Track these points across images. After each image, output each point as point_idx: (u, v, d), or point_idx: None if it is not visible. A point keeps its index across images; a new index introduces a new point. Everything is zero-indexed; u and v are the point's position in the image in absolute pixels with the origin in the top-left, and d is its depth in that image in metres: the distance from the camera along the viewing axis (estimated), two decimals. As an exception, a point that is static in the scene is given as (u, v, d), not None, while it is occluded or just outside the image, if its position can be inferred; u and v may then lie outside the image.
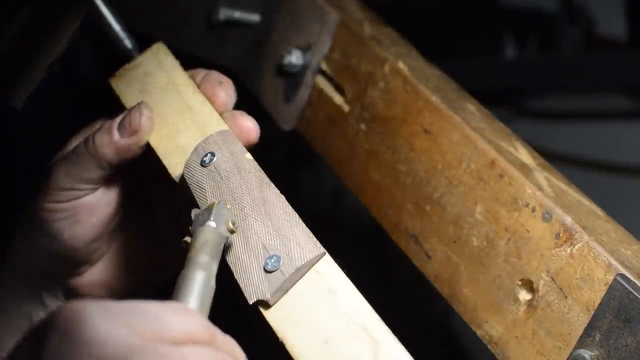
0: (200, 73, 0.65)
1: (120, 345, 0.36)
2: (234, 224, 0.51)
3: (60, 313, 0.37)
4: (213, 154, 0.57)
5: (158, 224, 0.68)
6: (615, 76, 1.62)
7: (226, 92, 0.63)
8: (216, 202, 0.52)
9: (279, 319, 0.49)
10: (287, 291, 0.50)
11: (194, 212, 0.52)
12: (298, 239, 0.51)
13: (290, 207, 0.53)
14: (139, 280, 0.68)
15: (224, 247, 0.51)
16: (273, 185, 0.54)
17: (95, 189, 0.63)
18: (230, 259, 0.52)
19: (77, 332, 0.36)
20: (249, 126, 0.60)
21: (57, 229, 0.62)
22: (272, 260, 0.50)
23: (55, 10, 0.59)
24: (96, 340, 0.36)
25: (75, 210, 0.62)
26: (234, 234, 0.52)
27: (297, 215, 0.53)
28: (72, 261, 0.65)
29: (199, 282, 0.46)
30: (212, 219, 0.50)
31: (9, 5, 0.58)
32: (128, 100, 0.65)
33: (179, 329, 0.39)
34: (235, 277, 0.51)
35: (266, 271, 0.50)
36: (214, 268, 0.48)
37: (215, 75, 0.64)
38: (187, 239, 0.50)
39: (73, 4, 0.60)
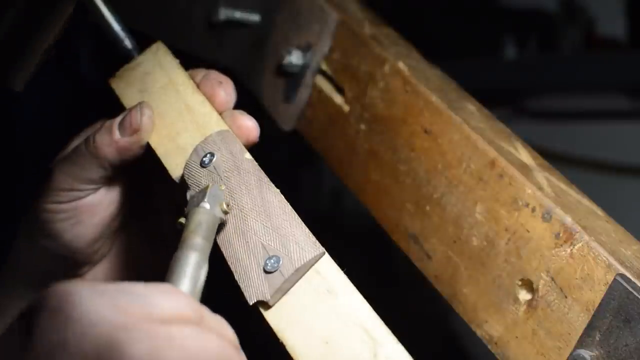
0: (200, 73, 0.65)
1: (108, 323, 0.37)
2: (227, 205, 0.52)
3: (51, 293, 0.38)
4: (212, 154, 0.57)
5: (160, 224, 0.68)
6: (615, 76, 1.62)
7: (226, 91, 0.63)
8: (210, 184, 0.52)
9: (279, 319, 0.49)
10: (287, 291, 0.50)
11: (188, 194, 0.53)
12: (297, 239, 0.51)
13: (289, 207, 0.53)
14: (140, 280, 0.68)
15: (223, 249, 0.51)
16: (273, 185, 0.54)
17: (96, 190, 0.63)
18: (230, 260, 0.52)
19: (66, 310, 0.37)
20: (249, 125, 0.60)
21: (59, 229, 0.62)
22: (272, 261, 0.50)
23: None
24: (85, 317, 0.37)
25: (77, 210, 0.62)
26: (231, 234, 0.52)
27: (296, 215, 0.53)
28: (74, 262, 0.65)
29: (192, 264, 0.46)
30: (206, 200, 0.51)
31: None
32: (128, 100, 0.65)
33: (167, 308, 0.40)
34: (236, 277, 0.51)
35: (266, 272, 0.50)
36: (207, 250, 0.48)
37: (215, 75, 0.64)
38: (182, 220, 0.51)
39: None
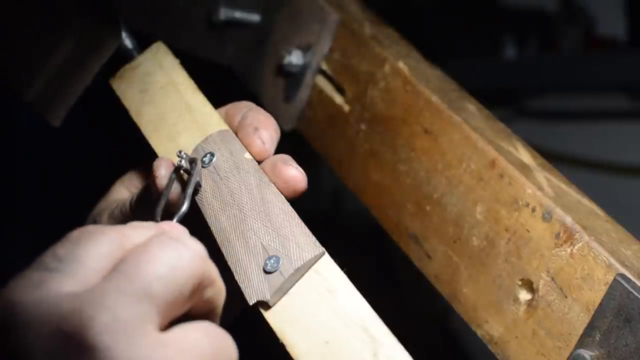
0: (239, 113, 0.59)
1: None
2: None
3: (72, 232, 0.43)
4: (212, 155, 0.57)
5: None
6: (615, 76, 1.62)
7: (262, 138, 0.56)
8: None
9: (279, 319, 0.49)
10: (286, 291, 0.50)
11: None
12: (297, 239, 0.51)
13: (289, 207, 0.53)
14: None
15: (223, 248, 0.52)
16: (272, 185, 0.54)
17: None
18: (230, 260, 0.52)
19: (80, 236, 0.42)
20: (295, 177, 0.54)
21: None
22: (272, 261, 0.50)
23: (96, 35, 0.60)
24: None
25: None
26: (231, 233, 0.52)
27: (296, 215, 0.53)
28: None
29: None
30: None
31: (56, 32, 0.60)
32: (128, 100, 0.65)
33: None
34: (235, 277, 0.51)
35: (266, 272, 0.50)
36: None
37: (251, 119, 0.58)
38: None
39: (112, 29, 0.61)
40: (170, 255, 0.41)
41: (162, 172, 0.56)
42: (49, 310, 0.38)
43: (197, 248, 0.42)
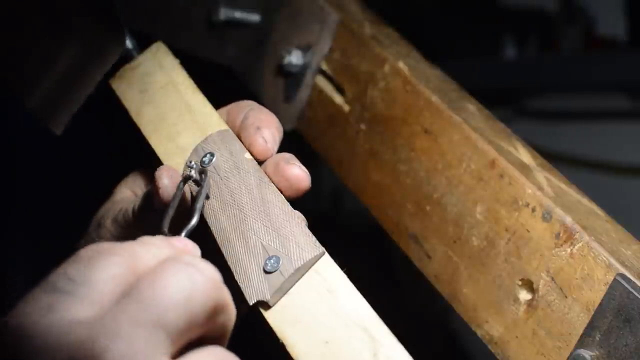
0: (241, 112, 0.58)
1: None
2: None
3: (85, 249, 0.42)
4: (212, 155, 0.57)
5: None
6: (615, 76, 1.62)
7: (265, 137, 0.56)
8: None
9: (279, 319, 0.49)
10: (287, 291, 0.50)
11: None
12: (297, 239, 0.51)
13: (289, 207, 0.53)
14: None
15: (223, 248, 0.52)
16: (273, 185, 0.54)
17: None
18: (230, 260, 0.52)
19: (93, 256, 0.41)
20: (298, 176, 0.54)
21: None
22: (272, 261, 0.50)
23: (99, 42, 0.60)
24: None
25: None
26: (231, 233, 0.52)
27: (296, 215, 0.53)
28: None
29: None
30: None
31: (59, 39, 0.59)
32: (128, 100, 0.65)
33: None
34: (236, 277, 0.51)
35: (266, 272, 0.50)
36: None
37: (253, 119, 0.57)
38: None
39: (116, 36, 0.61)
40: (184, 282, 0.40)
41: (165, 182, 0.55)
42: (60, 338, 0.38)
43: (211, 273, 0.41)
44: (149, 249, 0.43)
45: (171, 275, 0.40)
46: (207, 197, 0.54)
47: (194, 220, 0.51)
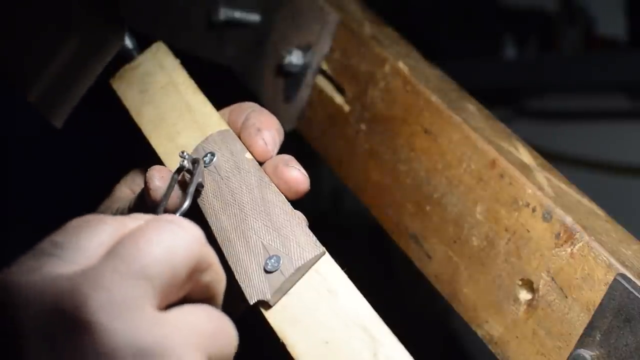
0: (243, 114, 0.59)
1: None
2: None
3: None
4: (213, 154, 0.57)
5: None
6: (615, 76, 1.62)
7: (265, 139, 0.56)
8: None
9: (279, 319, 0.49)
10: (287, 291, 0.50)
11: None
12: (298, 239, 0.51)
13: (290, 207, 0.53)
14: None
15: (223, 248, 0.52)
16: (273, 185, 0.54)
17: None
18: (230, 259, 0.52)
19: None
20: (297, 178, 0.54)
21: None
22: (272, 261, 0.50)
23: (100, 35, 0.60)
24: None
25: None
26: (232, 233, 0.52)
27: (297, 215, 0.53)
28: None
29: None
30: None
31: (58, 34, 0.60)
32: (129, 100, 0.65)
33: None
34: (236, 277, 0.51)
35: (266, 271, 0.50)
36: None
37: (254, 119, 0.57)
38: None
39: (116, 29, 0.61)
40: (166, 236, 0.41)
41: (157, 184, 0.55)
42: (44, 290, 0.38)
43: (193, 230, 0.42)
44: (137, 220, 0.43)
45: (153, 231, 0.41)
46: (202, 186, 0.55)
47: (186, 204, 0.52)
